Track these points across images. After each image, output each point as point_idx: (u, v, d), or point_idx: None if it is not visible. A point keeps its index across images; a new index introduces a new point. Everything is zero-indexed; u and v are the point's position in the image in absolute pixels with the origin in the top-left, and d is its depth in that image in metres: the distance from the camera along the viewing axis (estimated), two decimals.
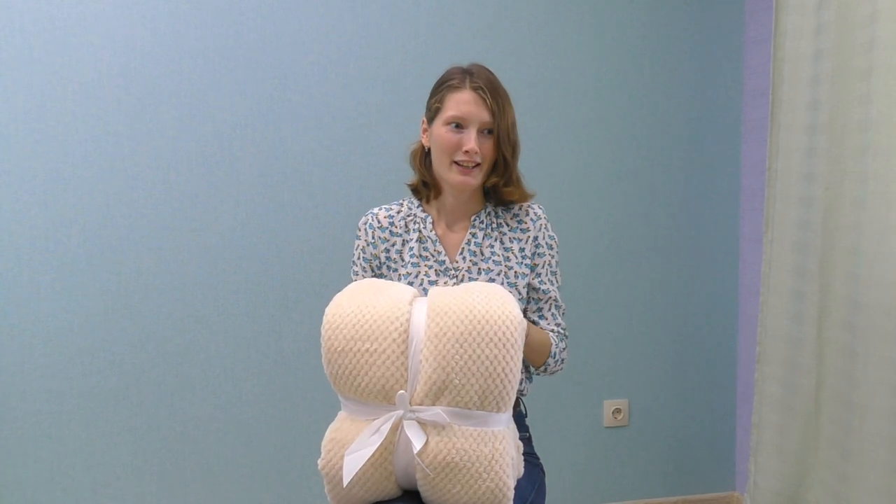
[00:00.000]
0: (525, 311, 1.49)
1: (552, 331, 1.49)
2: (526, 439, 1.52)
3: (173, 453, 2.21)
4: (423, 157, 1.49)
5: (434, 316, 1.19)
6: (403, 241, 1.48)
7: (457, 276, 1.45)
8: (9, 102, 2.06)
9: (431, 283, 1.44)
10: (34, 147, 2.08)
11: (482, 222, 1.48)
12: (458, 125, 1.39)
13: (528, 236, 1.48)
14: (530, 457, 1.47)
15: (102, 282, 2.14)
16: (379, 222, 1.49)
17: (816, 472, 2.02)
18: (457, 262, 1.46)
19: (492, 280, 1.44)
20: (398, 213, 1.50)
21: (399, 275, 1.46)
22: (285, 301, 2.24)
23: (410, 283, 1.43)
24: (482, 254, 1.46)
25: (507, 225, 1.49)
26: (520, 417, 1.52)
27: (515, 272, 1.46)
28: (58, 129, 2.09)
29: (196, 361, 2.20)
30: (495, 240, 1.47)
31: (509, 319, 1.17)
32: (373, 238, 1.48)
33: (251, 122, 2.19)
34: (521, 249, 1.48)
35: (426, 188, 1.50)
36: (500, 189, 1.46)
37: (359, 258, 1.51)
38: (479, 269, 1.45)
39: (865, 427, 1.79)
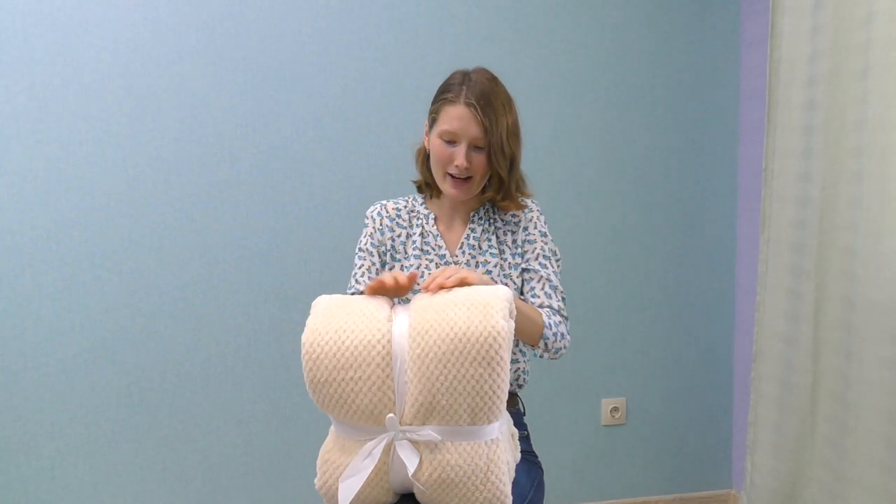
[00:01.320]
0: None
1: (541, 306, 1.44)
2: (524, 437, 1.54)
3: (173, 452, 2.21)
4: (426, 158, 1.53)
5: (416, 336, 1.15)
6: (407, 234, 1.53)
7: None
8: (10, 103, 2.06)
9: None
10: (36, 147, 2.08)
11: (481, 218, 1.53)
12: (451, 140, 1.41)
13: (520, 227, 1.52)
14: (529, 455, 1.48)
15: (103, 281, 2.14)
16: (388, 212, 1.54)
17: (812, 470, 2.03)
18: (456, 256, 1.51)
19: (489, 272, 1.47)
20: (404, 207, 1.56)
21: (402, 266, 1.51)
22: (285, 301, 2.25)
23: None
24: (480, 248, 1.51)
25: (502, 220, 1.54)
26: (518, 416, 1.54)
27: (510, 263, 1.50)
28: (59, 130, 2.09)
29: (196, 361, 2.21)
30: (492, 234, 1.52)
31: (492, 335, 1.12)
32: (381, 225, 1.53)
33: (251, 122, 2.20)
34: (514, 241, 1.52)
35: (430, 186, 1.54)
36: (497, 203, 1.48)
37: (366, 244, 1.53)
38: (478, 262, 1.49)
39: (861, 425, 1.81)
